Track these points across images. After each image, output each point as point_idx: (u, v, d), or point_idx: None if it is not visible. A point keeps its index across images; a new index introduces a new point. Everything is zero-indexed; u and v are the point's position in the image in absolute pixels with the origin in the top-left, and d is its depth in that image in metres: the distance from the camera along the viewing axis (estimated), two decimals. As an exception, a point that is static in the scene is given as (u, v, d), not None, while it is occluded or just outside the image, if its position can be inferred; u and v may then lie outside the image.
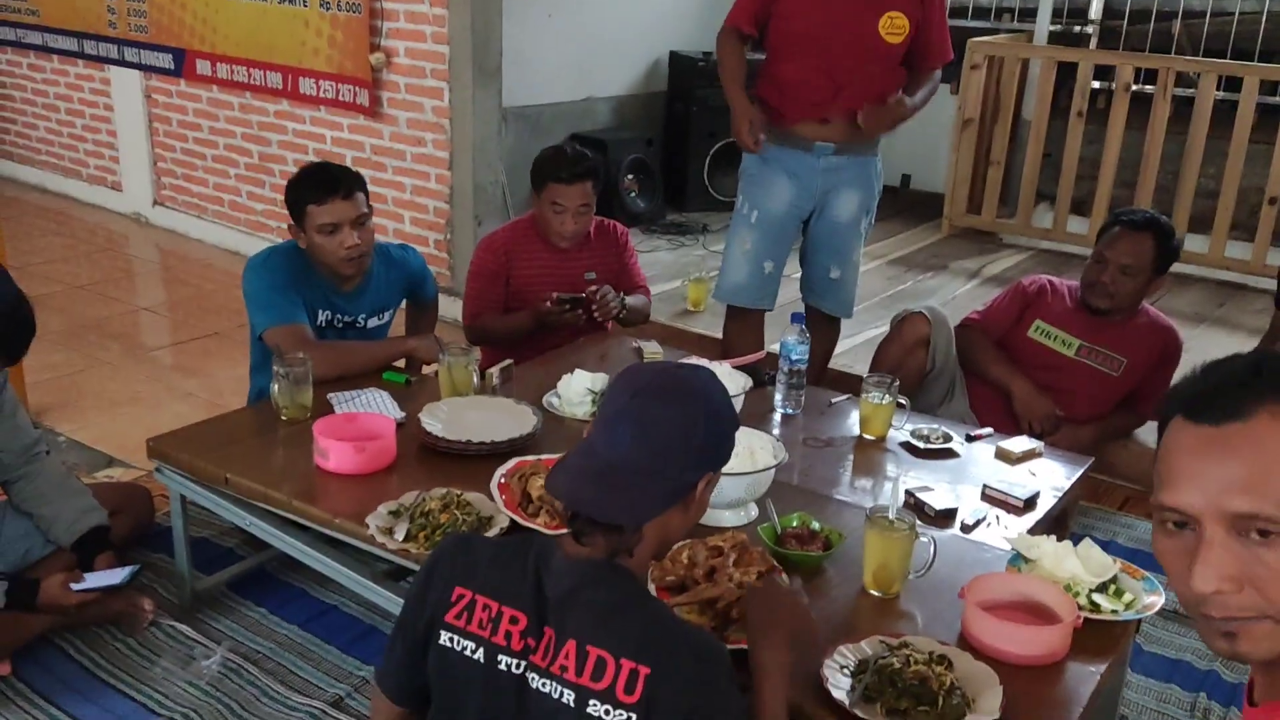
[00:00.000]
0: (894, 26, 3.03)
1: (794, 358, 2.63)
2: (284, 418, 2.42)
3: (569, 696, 1.28)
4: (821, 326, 3.36)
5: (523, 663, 1.33)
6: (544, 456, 2.20)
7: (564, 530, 1.96)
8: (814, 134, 3.14)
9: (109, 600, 2.35)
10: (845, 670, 1.61)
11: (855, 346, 4.01)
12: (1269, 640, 0.88)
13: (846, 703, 1.53)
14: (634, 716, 1.26)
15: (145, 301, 4.91)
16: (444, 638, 1.37)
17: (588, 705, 1.27)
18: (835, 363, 3.79)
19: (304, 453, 2.24)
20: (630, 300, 3.23)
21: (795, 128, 3.14)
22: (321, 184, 2.70)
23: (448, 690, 1.40)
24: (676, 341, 3.88)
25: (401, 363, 2.83)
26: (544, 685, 1.31)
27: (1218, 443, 0.88)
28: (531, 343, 3.13)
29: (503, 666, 1.34)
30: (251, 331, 2.76)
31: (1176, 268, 5.12)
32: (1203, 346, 4.25)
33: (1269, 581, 0.86)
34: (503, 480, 2.10)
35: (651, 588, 1.77)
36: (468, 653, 1.35)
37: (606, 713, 1.26)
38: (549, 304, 3.06)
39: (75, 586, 2.25)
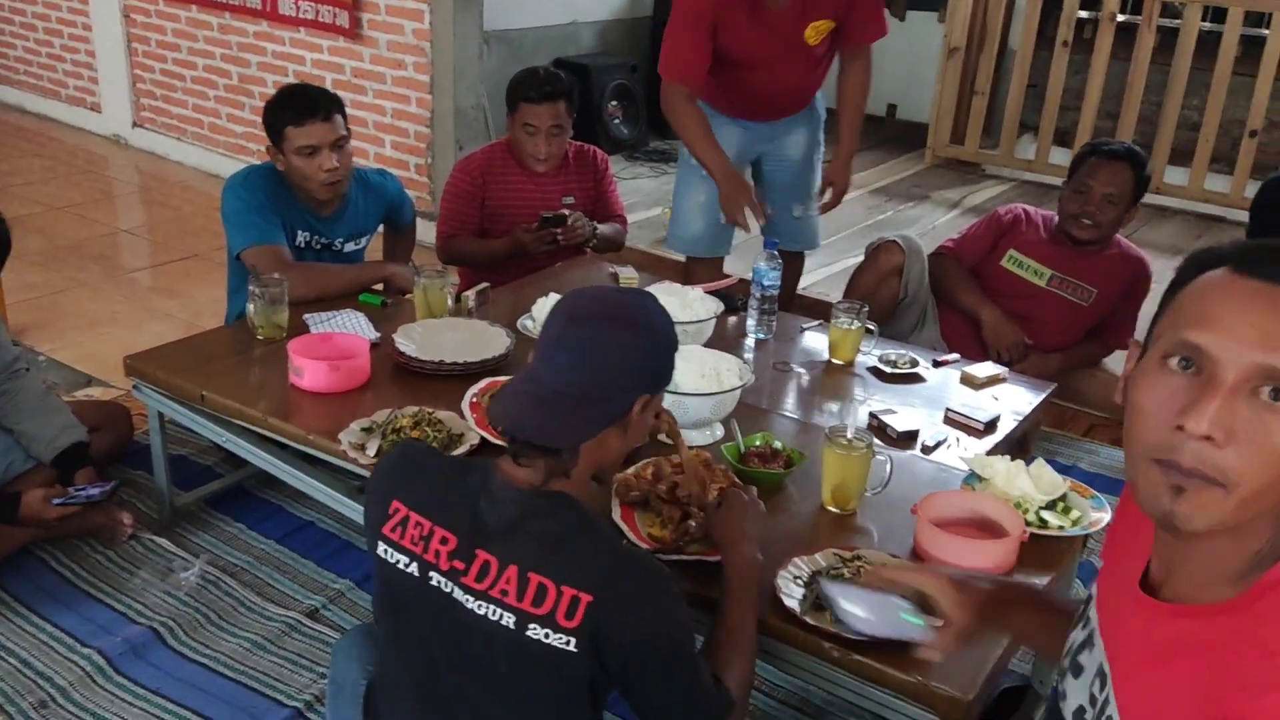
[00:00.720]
0: (817, 32, 2.98)
1: (766, 284, 2.66)
2: (260, 337, 2.45)
3: (509, 619, 1.32)
4: (787, 259, 3.37)
5: (452, 584, 1.36)
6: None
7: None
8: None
9: (89, 514, 2.40)
10: (799, 581, 1.68)
11: (831, 275, 4.04)
12: (1209, 510, 0.87)
13: (798, 611, 1.60)
14: (573, 640, 1.30)
15: (124, 223, 4.89)
16: (380, 549, 1.41)
17: (527, 629, 1.31)
18: (810, 290, 3.84)
19: (279, 371, 2.28)
20: (603, 229, 3.24)
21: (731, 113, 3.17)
22: (300, 106, 2.69)
23: (390, 598, 1.44)
24: (655, 268, 3.90)
25: (380, 286, 2.85)
26: (479, 607, 1.34)
27: (1271, 298, 0.86)
28: (506, 266, 3.16)
29: (434, 583, 1.37)
30: (229, 252, 2.78)
31: (1156, 200, 5.17)
32: (1176, 278, 4.30)
33: (1256, 448, 0.85)
34: (474, 399, 2.14)
35: (615, 503, 1.82)
36: (401, 566, 1.39)
37: (546, 636, 1.31)
38: (532, 226, 3.08)
39: (56, 500, 2.30)
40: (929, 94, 5.85)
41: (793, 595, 1.64)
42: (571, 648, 1.30)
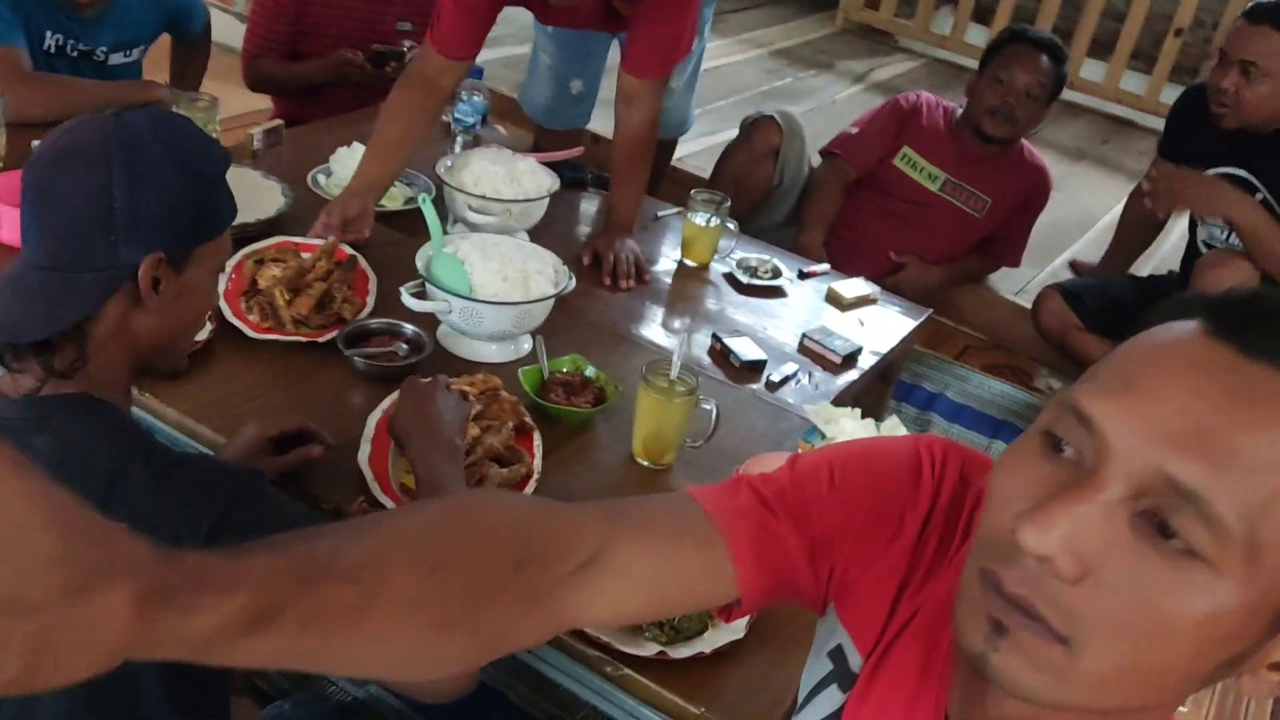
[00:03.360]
0: (622, 5, 2.05)
1: (458, 118, 2.40)
2: (-34, 167, 1.94)
3: None
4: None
5: None
6: (299, 239, 1.82)
7: (268, 336, 1.61)
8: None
9: None
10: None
11: (710, 148, 3.61)
12: (1036, 672, 0.56)
13: None
14: None
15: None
16: None
17: None
18: (685, 163, 3.43)
19: (-17, 214, 1.79)
20: None
21: None
22: None
23: None
24: (514, 117, 3.42)
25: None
26: None
27: (1236, 375, 0.53)
28: (331, 99, 2.66)
29: None
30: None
31: (1066, 95, 4.82)
32: (1075, 187, 4.02)
33: (1119, 601, 0.53)
34: (229, 278, 1.71)
35: (366, 447, 1.42)
36: None
37: None
38: (356, 56, 2.59)
39: None
40: (849, -51, 5.33)
41: (567, 584, 1.30)
42: None
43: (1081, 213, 3.81)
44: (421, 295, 1.65)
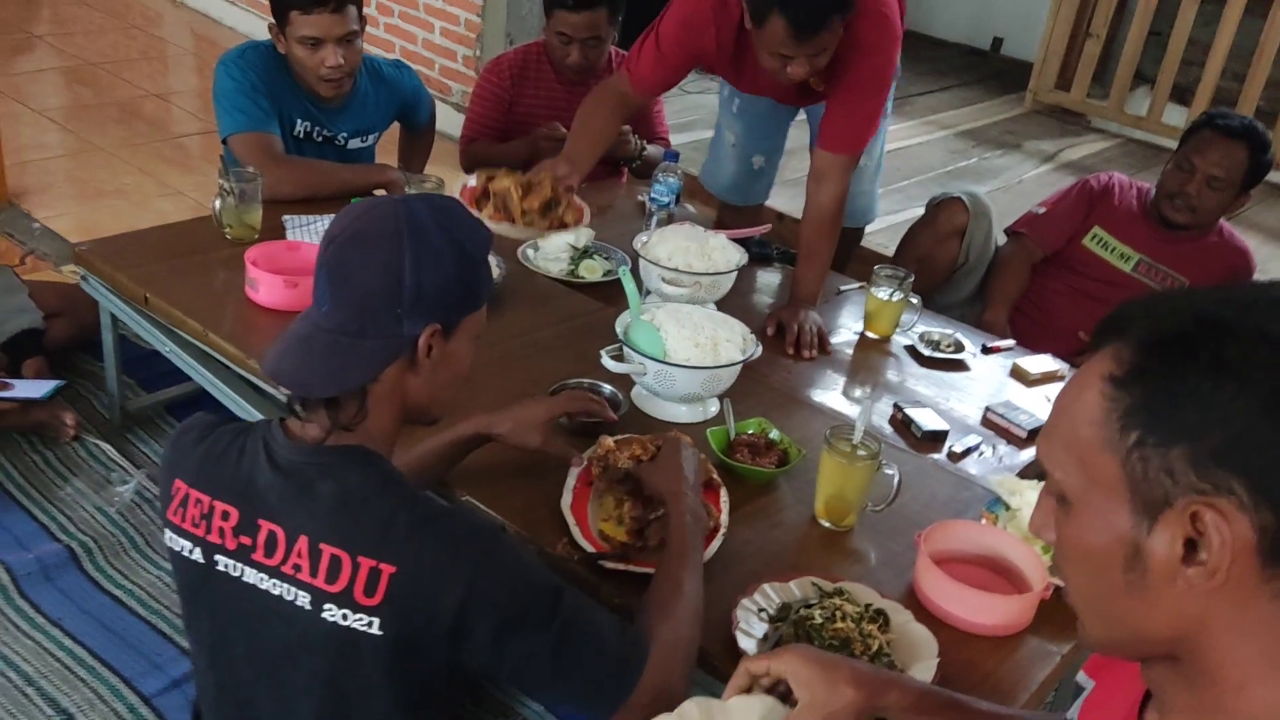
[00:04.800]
0: (816, 83, 2.25)
1: (653, 197, 2.52)
2: (229, 237, 2.21)
3: (304, 599, 1.10)
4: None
5: (242, 565, 1.14)
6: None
7: (500, 223, 1.85)
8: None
9: (30, 410, 2.22)
10: (763, 614, 1.41)
11: (894, 225, 3.67)
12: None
13: (751, 655, 1.33)
14: (376, 621, 1.08)
15: (160, 88, 4.66)
16: (168, 536, 1.20)
17: (323, 610, 1.09)
18: (871, 242, 3.48)
19: (242, 280, 2.04)
20: (650, 150, 2.96)
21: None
22: None
23: (184, 595, 1.23)
24: (702, 197, 3.58)
25: (381, 194, 2.59)
26: (274, 587, 1.12)
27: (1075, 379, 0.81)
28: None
29: (222, 568, 1.15)
30: (220, 136, 2.53)
31: (1273, 177, 4.65)
32: (1282, 270, 3.85)
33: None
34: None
35: (571, 480, 1.55)
36: (187, 553, 1.17)
37: (344, 617, 1.08)
38: (554, 129, 2.79)
39: (-6, 393, 2.11)
40: (1040, 30, 5.32)
41: (753, 632, 1.37)
42: (375, 629, 1.08)
43: (1289, 296, 3.64)
44: (619, 358, 1.79)
